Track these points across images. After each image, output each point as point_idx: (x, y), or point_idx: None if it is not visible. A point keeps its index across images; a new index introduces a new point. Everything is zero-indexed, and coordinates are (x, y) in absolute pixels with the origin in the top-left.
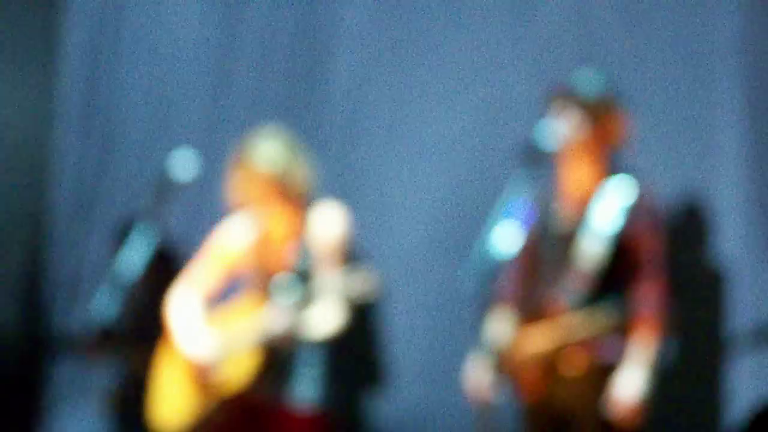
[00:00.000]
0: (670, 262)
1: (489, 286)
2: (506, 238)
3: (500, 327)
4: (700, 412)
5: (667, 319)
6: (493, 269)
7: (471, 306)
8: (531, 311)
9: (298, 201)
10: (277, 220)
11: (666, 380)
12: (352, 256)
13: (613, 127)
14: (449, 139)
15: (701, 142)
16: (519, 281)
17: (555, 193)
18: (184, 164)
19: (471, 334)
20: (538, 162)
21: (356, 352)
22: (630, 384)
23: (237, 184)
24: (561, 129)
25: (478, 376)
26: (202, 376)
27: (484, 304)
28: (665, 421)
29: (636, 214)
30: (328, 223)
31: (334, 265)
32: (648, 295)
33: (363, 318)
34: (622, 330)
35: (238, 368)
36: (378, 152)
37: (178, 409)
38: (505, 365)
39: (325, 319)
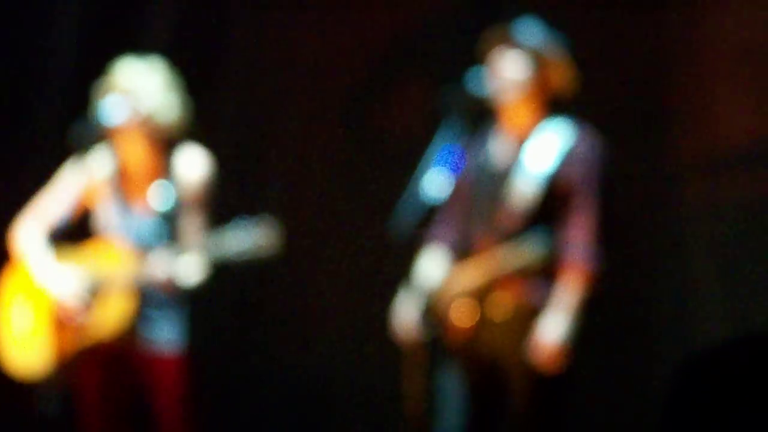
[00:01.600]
0: (604, 208)
1: (420, 229)
2: (437, 182)
3: (431, 268)
4: (628, 358)
5: (595, 264)
6: (424, 213)
7: (399, 249)
8: (463, 252)
9: (160, 137)
10: (135, 155)
11: (592, 326)
12: (214, 201)
13: (554, 73)
14: None
15: None
16: (451, 223)
17: (489, 136)
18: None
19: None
20: (470, 107)
21: (226, 294)
22: (554, 328)
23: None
24: (501, 73)
25: (407, 317)
26: (68, 319)
27: (415, 247)
28: (594, 367)
29: (571, 157)
30: (194, 166)
31: (200, 210)
32: (578, 240)
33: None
34: (550, 273)
35: (107, 312)
36: None
37: (36, 351)
38: (435, 306)
39: (193, 265)
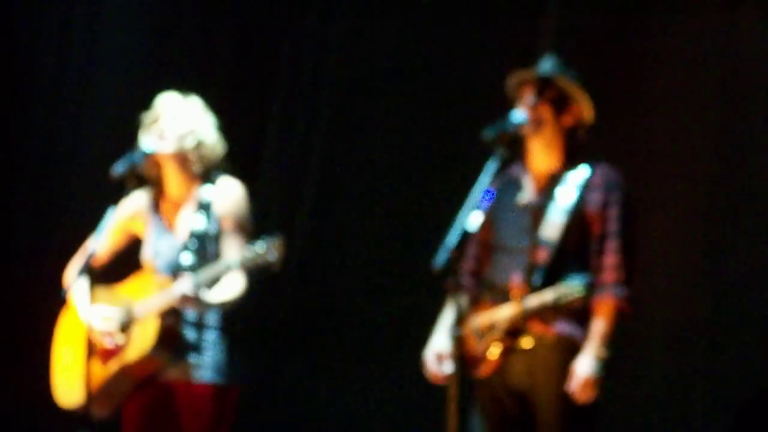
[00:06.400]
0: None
1: (457, 267)
2: (477, 219)
3: (461, 303)
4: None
5: (626, 294)
6: (461, 249)
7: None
8: (492, 290)
9: (199, 169)
10: (175, 185)
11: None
12: (252, 228)
13: (576, 109)
14: None
15: None
16: (481, 258)
17: (515, 172)
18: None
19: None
20: (507, 145)
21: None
22: (585, 360)
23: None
24: (525, 108)
25: (438, 353)
26: (104, 349)
27: (451, 286)
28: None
29: (592, 188)
30: (231, 194)
31: (237, 236)
32: (607, 270)
33: (272, 288)
34: (580, 305)
35: (142, 338)
36: None
37: (79, 380)
38: (465, 342)
39: (227, 288)
